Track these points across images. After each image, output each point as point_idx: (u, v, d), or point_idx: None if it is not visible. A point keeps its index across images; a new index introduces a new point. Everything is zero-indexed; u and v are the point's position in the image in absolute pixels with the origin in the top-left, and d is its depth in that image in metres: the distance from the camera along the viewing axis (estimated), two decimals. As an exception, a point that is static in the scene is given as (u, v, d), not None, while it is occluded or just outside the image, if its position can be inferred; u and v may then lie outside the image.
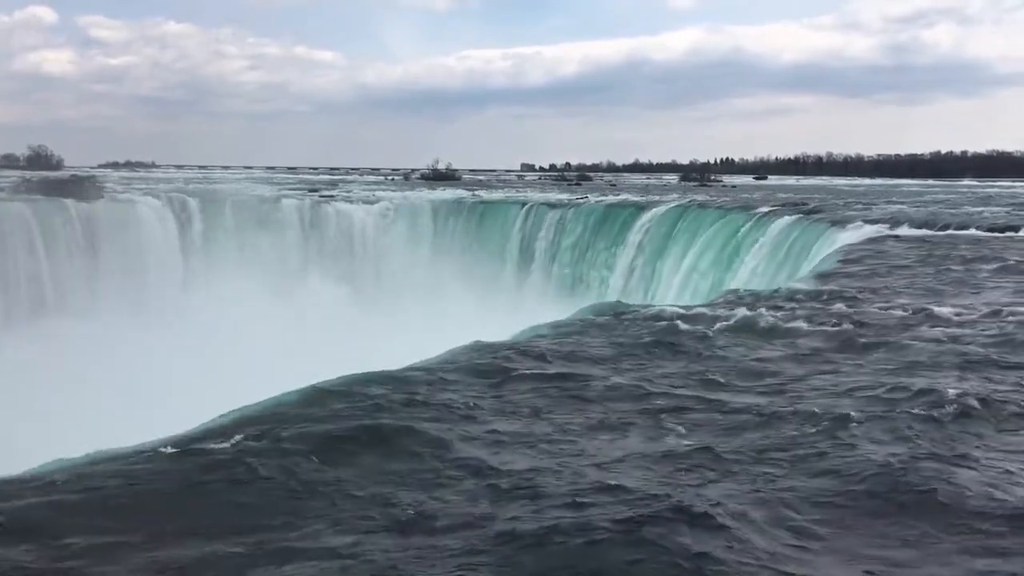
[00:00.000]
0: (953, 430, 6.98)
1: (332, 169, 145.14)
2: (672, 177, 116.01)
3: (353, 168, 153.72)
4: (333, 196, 47.38)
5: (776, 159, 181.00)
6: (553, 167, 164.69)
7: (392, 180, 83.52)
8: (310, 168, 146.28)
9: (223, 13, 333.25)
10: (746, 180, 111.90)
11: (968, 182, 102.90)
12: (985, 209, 33.92)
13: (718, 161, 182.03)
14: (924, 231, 24.68)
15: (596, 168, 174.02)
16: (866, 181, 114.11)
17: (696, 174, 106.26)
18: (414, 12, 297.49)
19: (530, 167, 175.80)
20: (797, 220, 29.38)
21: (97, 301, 33.53)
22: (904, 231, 24.47)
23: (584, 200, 44.20)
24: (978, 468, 6.13)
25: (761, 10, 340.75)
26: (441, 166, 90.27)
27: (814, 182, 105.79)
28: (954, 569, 4.75)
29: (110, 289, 34.45)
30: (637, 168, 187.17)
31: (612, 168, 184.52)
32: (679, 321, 11.59)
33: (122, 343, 28.09)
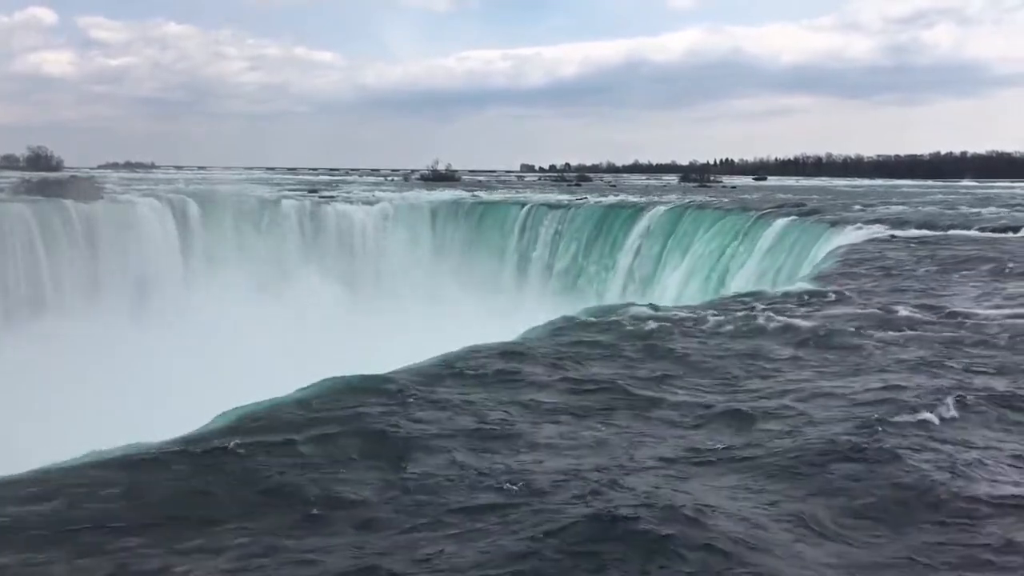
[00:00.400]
0: (953, 430, 6.99)
1: (332, 170, 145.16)
2: (672, 178, 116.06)
3: (353, 169, 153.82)
4: (333, 197, 47.41)
5: (776, 160, 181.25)
6: (553, 168, 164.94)
7: (392, 181, 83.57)
8: (310, 169, 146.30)
9: (223, 14, 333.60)
10: (746, 181, 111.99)
11: (967, 183, 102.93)
12: (984, 210, 33.94)
13: (718, 162, 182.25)
14: (924, 232, 24.68)
15: (596, 169, 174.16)
16: (866, 182, 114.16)
17: (696, 175, 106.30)
18: (414, 13, 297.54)
19: (530, 168, 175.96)
20: (796, 221, 29.40)
21: (97, 301, 33.54)
22: (904, 232, 24.47)
23: (584, 201, 44.22)
24: (980, 468, 6.14)
25: (760, 11, 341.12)
26: (441, 167, 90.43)
27: (814, 183, 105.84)
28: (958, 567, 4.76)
29: (110, 289, 34.47)
30: (637, 169, 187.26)
31: (612, 169, 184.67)
32: (679, 322, 11.60)
33: (122, 343, 28.10)
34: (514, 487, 5.72)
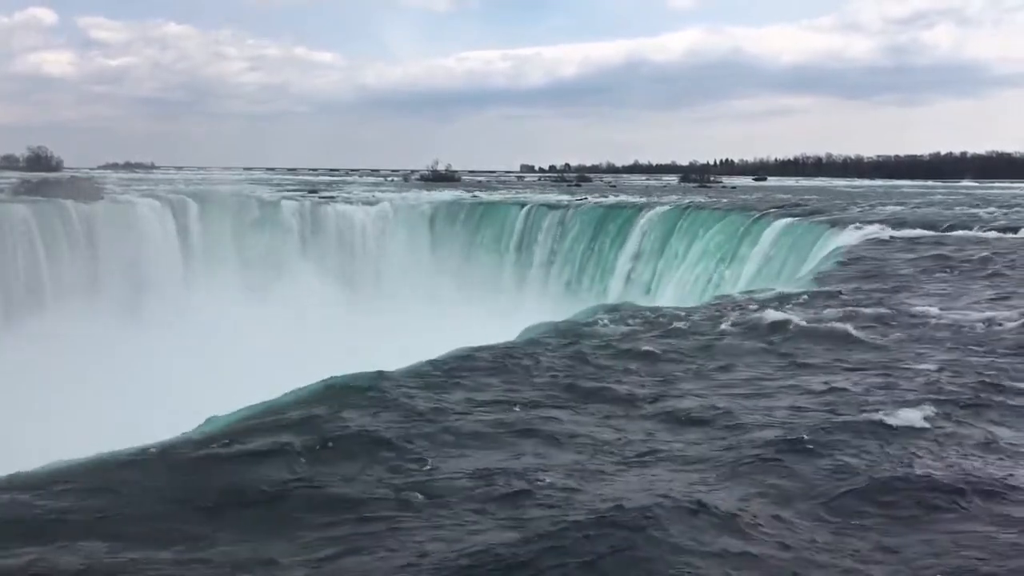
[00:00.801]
0: (952, 429, 7.00)
1: (332, 170, 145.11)
2: (672, 178, 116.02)
3: (353, 169, 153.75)
4: (333, 197, 47.40)
5: (776, 160, 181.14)
6: (553, 168, 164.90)
7: (391, 181, 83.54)
8: (310, 169, 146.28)
9: (223, 14, 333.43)
10: (745, 181, 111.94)
11: (967, 183, 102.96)
12: (983, 210, 33.95)
13: (718, 162, 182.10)
14: (923, 232, 24.70)
15: (596, 169, 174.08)
16: (866, 182, 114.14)
17: (696, 175, 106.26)
18: (414, 13, 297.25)
19: (530, 168, 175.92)
20: (796, 221, 29.41)
21: (97, 302, 33.53)
22: (903, 232, 24.48)
23: (584, 201, 44.22)
24: (979, 469, 6.15)
25: (760, 11, 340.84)
26: (441, 167, 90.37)
27: (813, 183, 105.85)
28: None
29: (110, 290, 34.47)
30: (637, 169, 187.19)
31: (612, 169, 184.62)
32: (678, 322, 11.61)
33: (121, 343, 28.11)
34: (512, 486, 5.73)
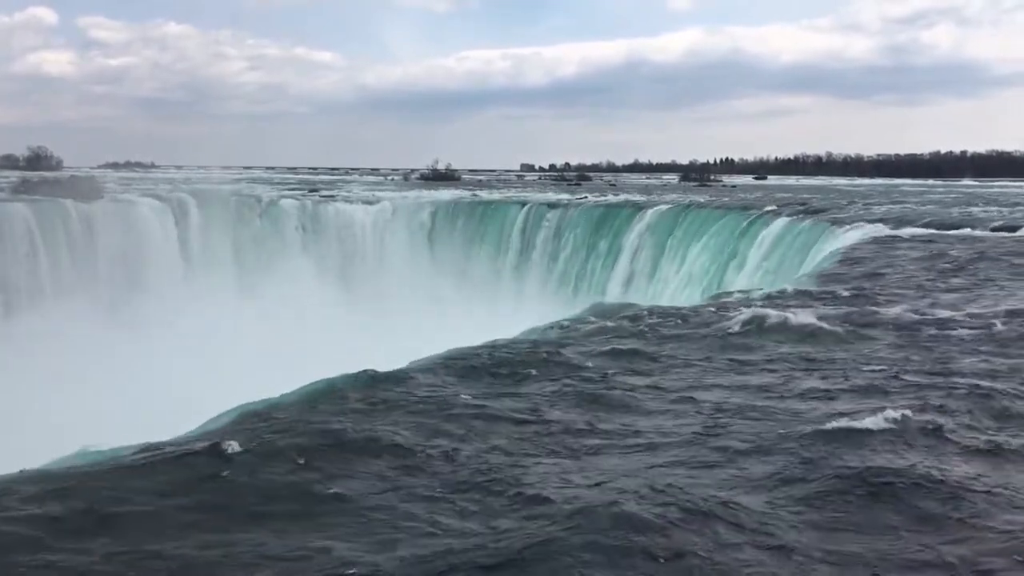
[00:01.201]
0: (952, 429, 6.99)
1: (332, 169, 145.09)
2: (672, 177, 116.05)
3: (353, 168, 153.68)
4: (333, 196, 47.39)
5: (776, 159, 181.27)
6: (553, 167, 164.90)
7: (392, 180, 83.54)
8: (310, 168, 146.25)
9: (223, 14, 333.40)
10: (746, 180, 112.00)
11: (968, 182, 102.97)
12: (984, 209, 33.93)
13: (718, 161, 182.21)
14: (924, 230, 24.69)
15: (596, 168, 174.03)
16: (866, 181, 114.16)
17: (696, 174, 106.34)
18: (413, 13, 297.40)
19: (530, 167, 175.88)
20: (796, 220, 29.41)
21: (96, 300, 33.55)
22: (904, 231, 24.47)
23: (584, 200, 44.22)
24: (978, 470, 6.14)
25: (760, 11, 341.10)
26: (441, 166, 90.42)
27: (814, 182, 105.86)
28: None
29: (109, 288, 34.49)
30: (637, 168, 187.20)
31: (612, 168, 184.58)
32: (677, 321, 11.60)
33: (121, 343, 28.12)
34: (509, 484, 5.72)
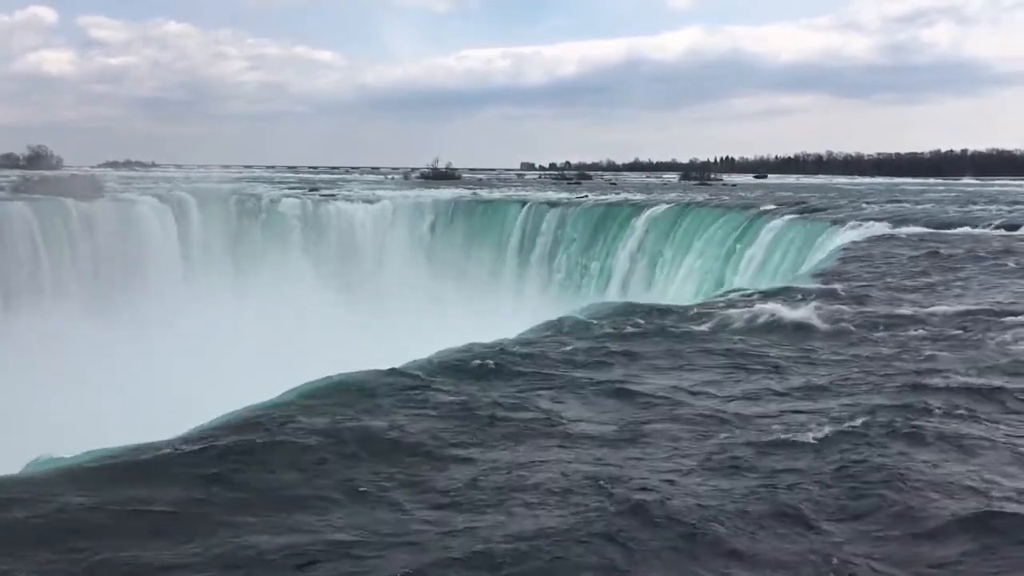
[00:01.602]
0: (952, 429, 6.99)
1: (332, 168, 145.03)
2: (672, 176, 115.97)
3: (353, 167, 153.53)
4: (333, 195, 47.36)
5: (776, 158, 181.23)
6: (553, 166, 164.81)
7: (392, 179, 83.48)
8: (310, 168, 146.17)
9: (222, 14, 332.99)
10: (746, 179, 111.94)
11: (968, 180, 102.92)
12: (984, 208, 33.91)
13: (718, 160, 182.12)
14: (923, 229, 24.68)
15: (596, 167, 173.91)
16: (866, 180, 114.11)
17: (696, 173, 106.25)
18: (413, 12, 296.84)
19: (530, 166, 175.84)
20: (797, 218, 29.40)
21: (97, 300, 33.57)
22: (903, 229, 24.46)
23: (584, 199, 44.19)
24: (977, 470, 6.15)
25: (759, 10, 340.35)
26: (441, 165, 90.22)
27: (814, 181, 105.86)
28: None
29: (110, 288, 34.50)
30: (637, 167, 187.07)
31: (612, 167, 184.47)
32: (678, 319, 11.60)
33: (122, 342, 28.12)
34: (507, 482, 5.73)
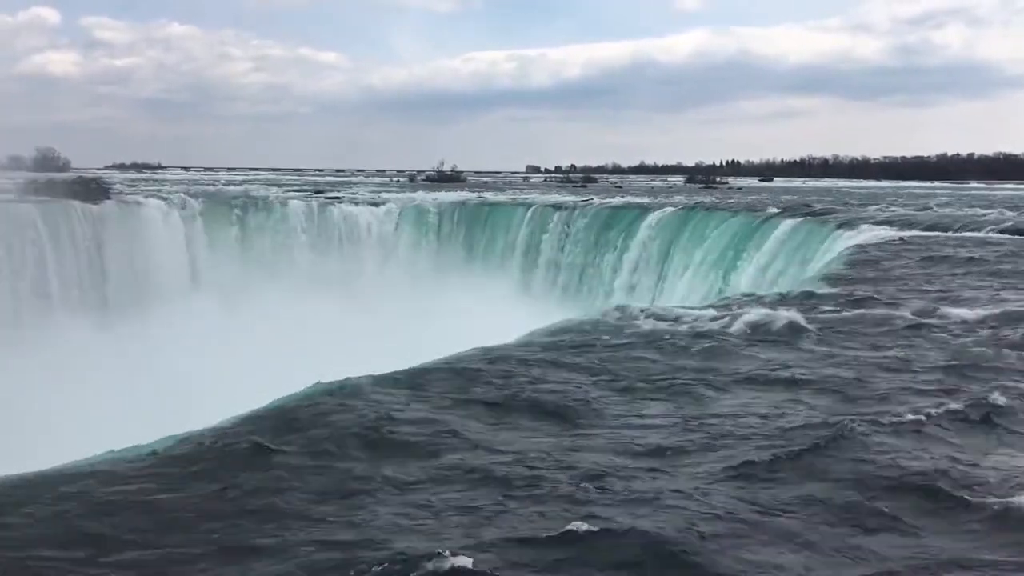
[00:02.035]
0: (958, 431, 6.98)
1: (338, 171, 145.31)
2: (677, 179, 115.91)
3: (359, 170, 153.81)
4: (339, 198, 47.42)
5: (782, 161, 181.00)
6: (558, 169, 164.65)
7: (397, 182, 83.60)
8: (315, 170, 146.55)
9: (226, 15, 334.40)
10: (752, 182, 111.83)
11: (974, 184, 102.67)
12: (987, 212, 33.82)
13: (724, 163, 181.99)
14: (929, 233, 24.64)
15: (601, 170, 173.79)
16: (872, 183, 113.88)
17: (701, 176, 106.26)
18: (418, 14, 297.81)
19: (535, 169, 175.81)
20: (803, 222, 29.36)
21: (104, 302, 33.66)
22: (909, 233, 24.43)
23: (589, 202, 44.17)
24: (994, 472, 6.14)
25: (767, 12, 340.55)
26: (446, 168, 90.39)
27: (820, 184, 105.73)
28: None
29: (117, 290, 34.59)
30: (643, 170, 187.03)
31: (617, 170, 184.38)
32: (684, 323, 11.59)
33: (128, 344, 28.18)
34: (500, 486, 5.73)
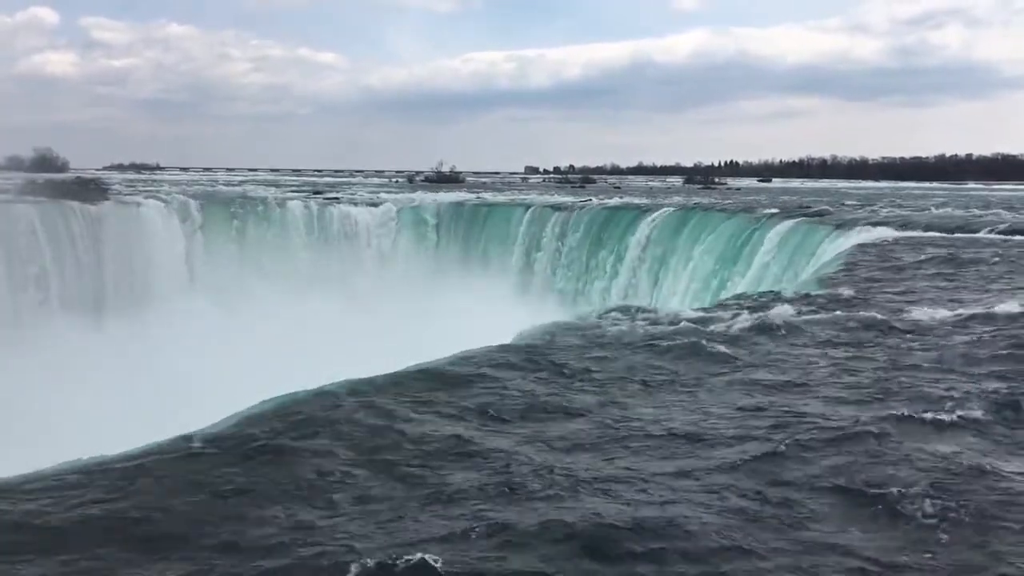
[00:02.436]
0: (958, 431, 6.99)
1: (337, 171, 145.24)
2: (676, 180, 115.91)
3: (358, 170, 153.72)
4: (338, 198, 47.41)
5: (781, 162, 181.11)
6: (557, 169, 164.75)
7: (396, 182, 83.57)
8: (314, 170, 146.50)
9: (225, 15, 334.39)
10: (750, 183, 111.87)
11: (972, 185, 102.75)
12: (986, 213, 33.87)
13: (723, 164, 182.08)
14: (927, 234, 24.67)
15: (600, 171, 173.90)
16: (870, 184, 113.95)
17: (700, 177, 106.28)
18: (417, 14, 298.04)
19: (534, 170, 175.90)
20: (801, 223, 29.38)
21: (102, 303, 33.64)
22: (907, 233, 24.46)
23: (588, 203, 44.17)
24: (993, 472, 6.15)
25: (767, 12, 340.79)
26: (445, 168, 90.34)
27: (818, 185, 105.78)
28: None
29: (115, 291, 34.57)
30: (641, 171, 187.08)
31: (616, 171, 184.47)
32: (683, 325, 11.60)
33: (127, 344, 28.18)
34: (493, 485, 5.74)
